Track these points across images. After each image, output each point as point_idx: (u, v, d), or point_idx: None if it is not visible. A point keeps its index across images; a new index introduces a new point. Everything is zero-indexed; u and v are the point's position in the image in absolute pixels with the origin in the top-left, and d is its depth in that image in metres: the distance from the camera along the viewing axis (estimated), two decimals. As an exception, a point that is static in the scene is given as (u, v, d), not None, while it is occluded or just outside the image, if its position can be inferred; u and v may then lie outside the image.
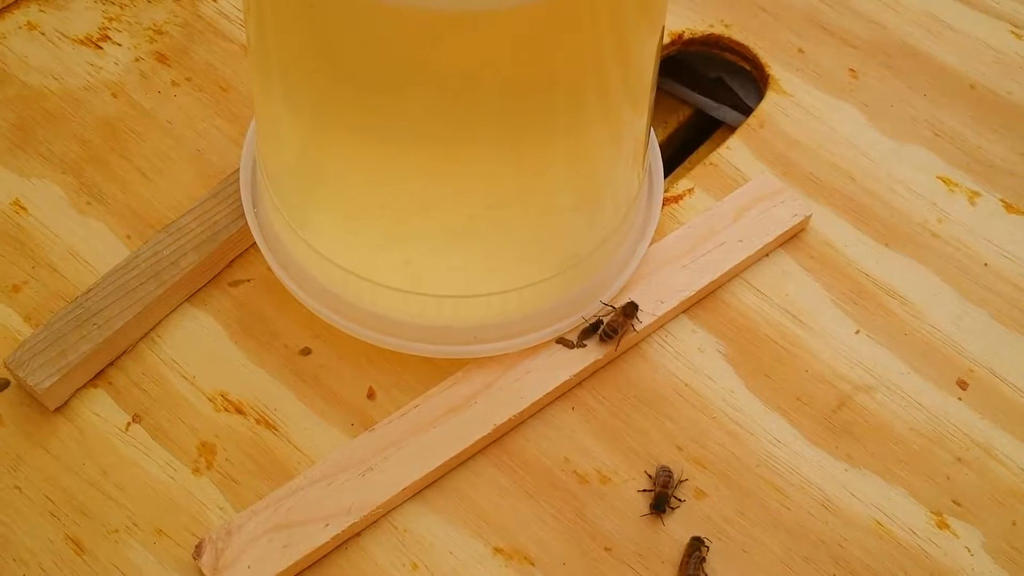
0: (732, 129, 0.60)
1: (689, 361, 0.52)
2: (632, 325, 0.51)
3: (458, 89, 0.42)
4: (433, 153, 0.45)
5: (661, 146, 0.62)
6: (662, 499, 0.48)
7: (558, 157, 0.46)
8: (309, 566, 0.47)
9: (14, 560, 0.46)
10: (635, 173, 0.51)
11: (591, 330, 0.51)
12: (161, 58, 0.58)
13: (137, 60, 0.58)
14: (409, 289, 0.49)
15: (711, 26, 0.61)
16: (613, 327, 0.51)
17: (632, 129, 0.49)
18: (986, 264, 0.55)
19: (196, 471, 0.48)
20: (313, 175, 0.48)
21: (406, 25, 0.40)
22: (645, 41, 0.46)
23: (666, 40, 0.60)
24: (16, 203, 0.54)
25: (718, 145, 0.58)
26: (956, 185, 0.57)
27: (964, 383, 0.52)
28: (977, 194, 0.57)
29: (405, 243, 0.48)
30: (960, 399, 0.52)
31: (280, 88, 0.45)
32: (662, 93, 0.63)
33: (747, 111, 0.60)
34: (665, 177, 0.58)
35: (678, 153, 0.62)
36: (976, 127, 0.58)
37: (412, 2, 0.38)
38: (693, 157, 0.60)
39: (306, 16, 0.41)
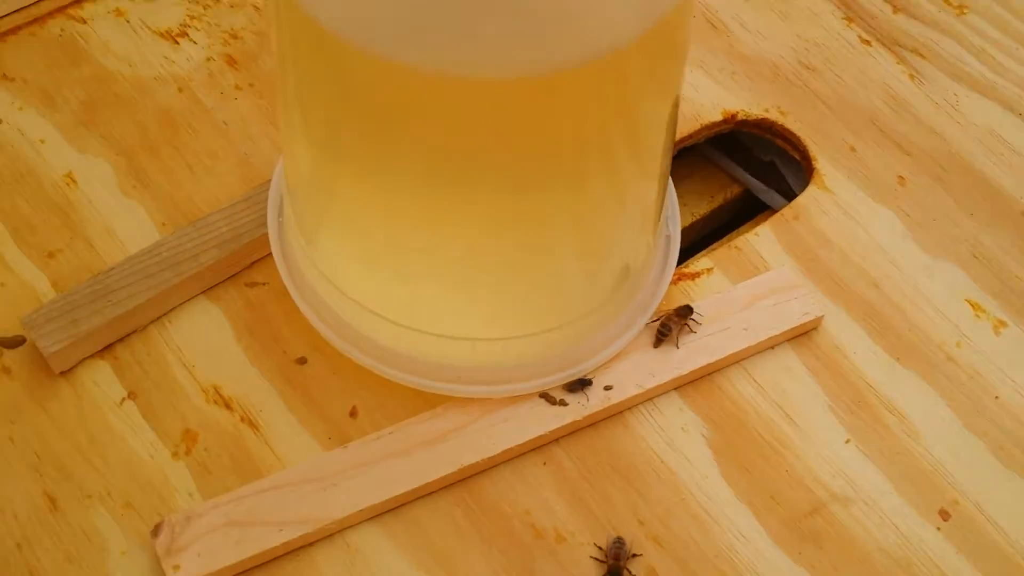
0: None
1: (670, 438, 0.52)
2: (688, 326, 0.53)
3: (459, 147, 0.43)
4: (435, 201, 0.46)
5: (703, 220, 0.62)
6: (616, 573, 0.49)
7: (560, 216, 0.47)
8: (257, 566, 0.49)
9: (-11, 505, 0.49)
10: (643, 241, 0.51)
11: (576, 385, 0.52)
12: (231, 61, 0.61)
13: (208, 60, 0.61)
14: (403, 323, 0.50)
15: (766, 111, 0.60)
16: (668, 325, 0.52)
17: (639, 197, 0.49)
18: (997, 397, 0.53)
19: (175, 455, 0.51)
20: (321, 198, 0.50)
21: (409, 83, 0.41)
22: (655, 110, 0.46)
23: (719, 118, 0.60)
24: (69, 175, 0.57)
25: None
26: (984, 311, 0.55)
27: (947, 513, 0.51)
28: (1004, 324, 0.55)
29: (402, 280, 0.50)
30: (939, 529, 0.50)
31: (296, 110, 0.47)
32: (714, 168, 0.63)
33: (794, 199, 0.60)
34: (696, 252, 0.58)
35: (720, 230, 0.62)
36: (1019, 256, 0.57)
37: (416, 64, 0.39)
38: (727, 238, 0.60)
39: (316, 59, 0.43)
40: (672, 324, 0.53)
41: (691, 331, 0.53)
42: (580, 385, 0.52)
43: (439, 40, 0.39)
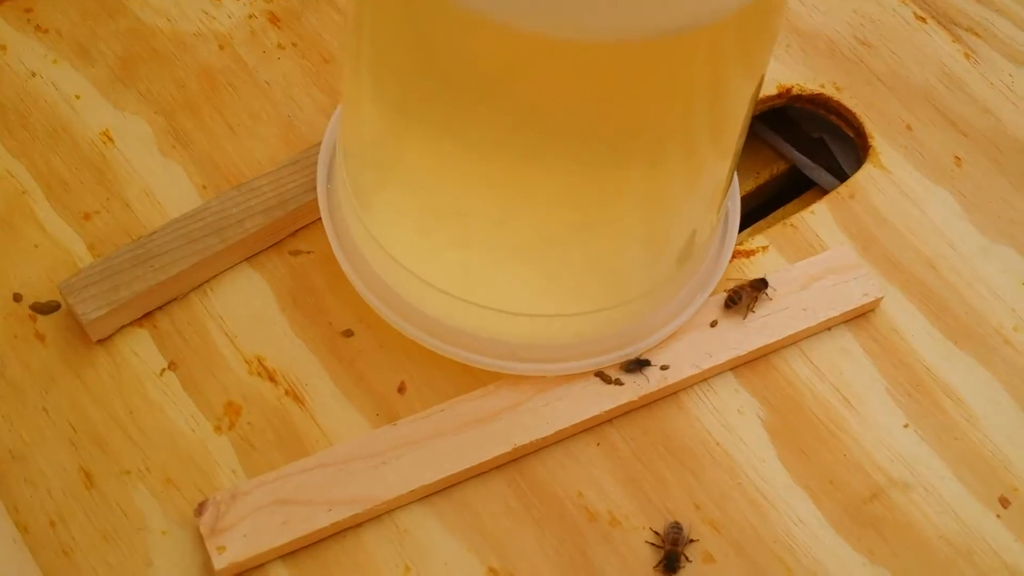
0: (823, 192, 0.58)
1: (726, 420, 0.51)
2: (757, 298, 0.52)
3: (541, 112, 0.41)
4: (507, 166, 0.44)
5: (749, 196, 0.61)
6: (673, 558, 0.47)
7: (632, 191, 0.46)
8: (304, 547, 0.47)
9: (25, 480, 0.47)
10: (708, 220, 0.50)
11: (634, 365, 0.50)
12: (273, 19, 0.59)
13: (250, 17, 0.59)
14: (458, 295, 0.49)
15: (822, 86, 0.59)
16: (739, 293, 0.51)
17: (712, 175, 0.48)
18: (1055, 383, 0.53)
19: (217, 429, 0.49)
20: (385, 164, 0.48)
21: (501, 42, 0.39)
22: (742, 88, 0.44)
23: (773, 92, 0.59)
24: (105, 133, 0.55)
25: (805, 206, 0.57)
26: (1041, 296, 0.54)
27: (1006, 500, 0.50)
28: (1062, 310, 0.54)
29: (462, 249, 0.48)
30: (999, 516, 0.50)
31: (368, 69, 0.45)
32: (761, 144, 0.62)
33: (843, 178, 0.59)
34: (744, 228, 0.57)
35: (764, 206, 0.61)
36: (1076, 241, 0.56)
37: (511, 22, 0.38)
38: (777, 214, 0.59)
39: (403, 13, 0.41)
40: (744, 294, 0.51)
41: (751, 309, 0.52)
42: (638, 365, 0.50)
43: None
